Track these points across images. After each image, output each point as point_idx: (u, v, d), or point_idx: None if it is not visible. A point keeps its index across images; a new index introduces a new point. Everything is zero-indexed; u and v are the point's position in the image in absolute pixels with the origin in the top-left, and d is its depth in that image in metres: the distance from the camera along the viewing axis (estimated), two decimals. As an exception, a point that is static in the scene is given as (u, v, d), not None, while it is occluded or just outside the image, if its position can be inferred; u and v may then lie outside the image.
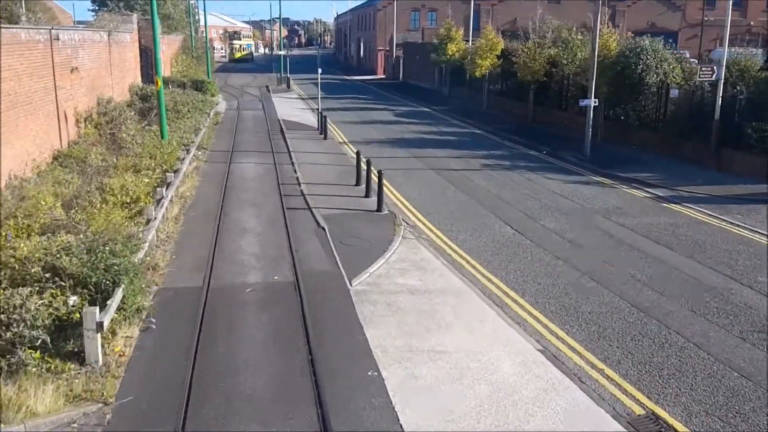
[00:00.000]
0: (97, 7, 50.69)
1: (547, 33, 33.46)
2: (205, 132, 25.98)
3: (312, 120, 34.07)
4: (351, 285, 11.18)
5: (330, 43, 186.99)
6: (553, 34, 33.63)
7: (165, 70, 46.58)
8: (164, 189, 14.70)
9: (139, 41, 44.44)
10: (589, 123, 22.71)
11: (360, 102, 43.93)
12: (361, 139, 28.06)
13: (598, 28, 22.23)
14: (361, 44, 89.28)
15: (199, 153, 22.66)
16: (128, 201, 13.62)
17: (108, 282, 8.66)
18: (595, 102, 22.44)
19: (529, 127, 31.33)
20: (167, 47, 48.67)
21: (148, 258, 11.38)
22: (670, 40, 35.17)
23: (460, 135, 29.77)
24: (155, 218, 12.75)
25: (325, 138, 27.02)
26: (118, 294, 8.65)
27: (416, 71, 59.56)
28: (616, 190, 18.86)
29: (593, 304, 10.70)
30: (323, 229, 14.24)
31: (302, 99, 46.65)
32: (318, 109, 29.64)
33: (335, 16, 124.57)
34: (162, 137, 20.85)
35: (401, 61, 65.41)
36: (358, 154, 18.56)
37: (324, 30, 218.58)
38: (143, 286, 9.77)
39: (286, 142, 26.39)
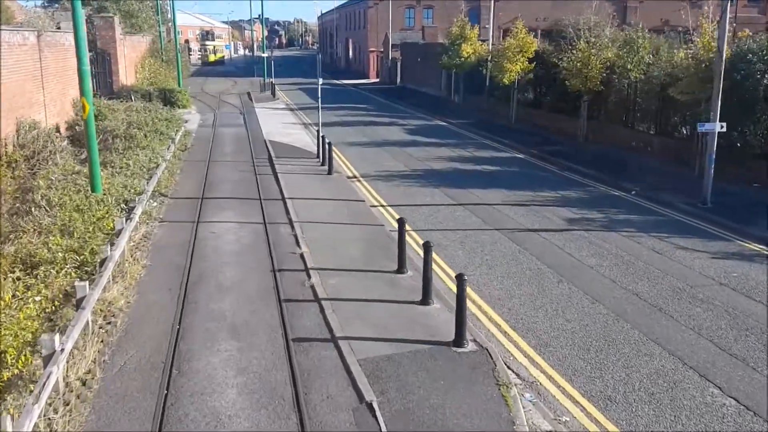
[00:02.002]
0: (46, 4, 43.22)
1: (605, 30, 26.79)
2: (165, 168, 18.93)
3: (307, 141, 27.09)
4: None
5: (312, 44, 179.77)
6: (609, 33, 26.98)
7: (128, 77, 39.31)
8: (59, 335, 7.68)
9: (94, 43, 37.17)
10: (712, 157, 16.01)
11: (360, 113, 36.98)
12: (376, 171, 21.19)
13: (726, 19, 15.54)
14: (350, 45, 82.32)
15: (154, 204, 15.63)
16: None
17: None
18: (721, 126, 15.75)
19: (584, 150, 24.63)
20: (131, 50, 41.39)
21: None
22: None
23: (503, 163, 22.96)
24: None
25: (329, 172, 20.07)
26: None
27: (417, 75, 52.77)
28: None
29: None
30: (370, 409, 7.34)
31: (291, 110, 39.60)
32: (318, 131, 22.70)
33: (319, 14, 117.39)
34: (93, 189, 13.77)
35: (398, 63, 58.59)
36: (401, 224, 11.54)
37: (305, 30, 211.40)
38: None
39: (277, 179, 19.42)
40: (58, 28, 26.41)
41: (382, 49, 65.87)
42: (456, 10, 70.15)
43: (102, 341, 8.73)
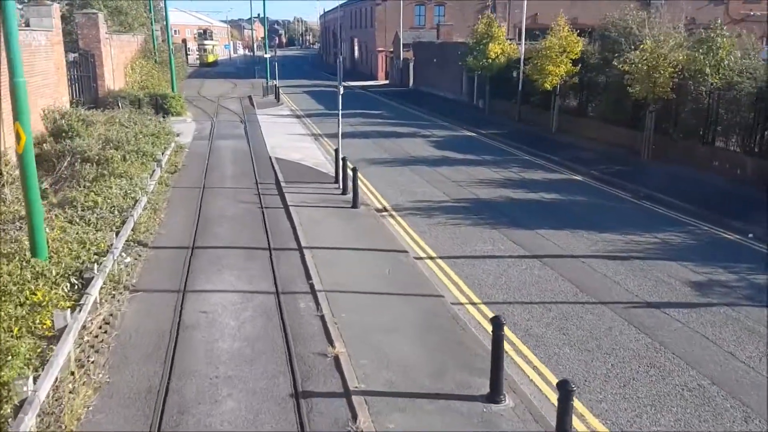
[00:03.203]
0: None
1: (677, 27, 22.69)
2: (147, 204, 14.79)
3: (320, 158, 22.97)
4: None
5: (313, 44, 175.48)
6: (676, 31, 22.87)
7: (116, 80, 35.15)
8: None
9: (76, 43, 33.03)
10: None
11: (375, 122, 32.80)
12: (411, 201, 17.07)
13: None
14: (356, 45, 78.18)
15: (127, 260, 11.49)
16: None
17: None
18: None
19: (654, 170, 20.43)
20: (119, 51, 37.22)
21: None
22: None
23: (561, 188, 18.78)
24: None
25: (354, 204, 15.92)
26: None
27: (432, 77, 48.61)
28: None
29: None
30: None
31: (297, 117, 35.44)
32: (337, 152, 18.51)
33: (322, 13, 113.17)
34: (34, 254, 9.59)
35: (410, 64, 54.40)
36: (495, 326, 7.35)
37: (306, 29, 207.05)
38: None
39: (289, 215, 15.28)
40: (27, 25, 22.30)
41: (391, 49, 61.69)
42: (470, 7, 66.31)
43: None
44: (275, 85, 44.01)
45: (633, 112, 23.66)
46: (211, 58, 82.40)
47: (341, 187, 17.70)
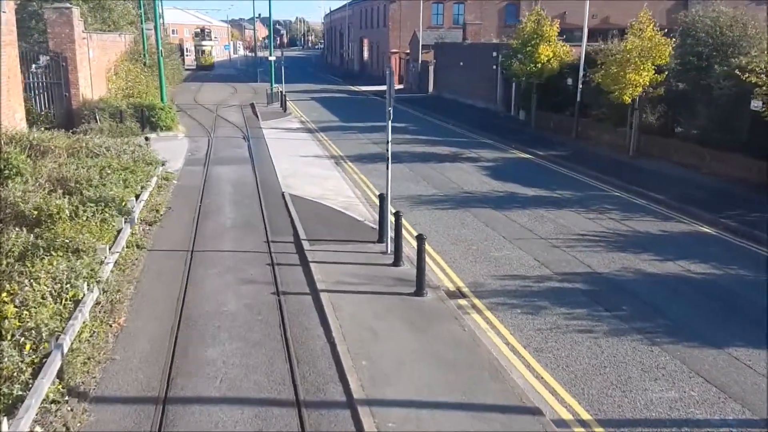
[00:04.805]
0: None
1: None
2: (97, 301, 9.30)
3: (346, 192, 17.64)
4: None
5: (317, 44, 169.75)
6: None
7: (96, 88, 29.66)
8: None
9: (46, 43, 27.54)
10: None
11: (403, 138, 27.13)
12: (493, 273, 11.61)
13: None
14: (365, 45, 72.67)
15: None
16: None
17: None
18: None
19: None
20: (101, 52, 31.71)
21: None
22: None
23: (705, 253, 13.11)
24: None
25: (418, 290, 10.40)
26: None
27: (457, 82, 43.12)
28: None
29: None
30: None
31: (309, 131, 29.98)
32: (384, 204, 12.95)
33: (327, 12, 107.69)
34: None
35: (430, 67, 48.89)
36: None
37: (307, 29, 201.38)
38: None
39: (323, 316, 9.73)
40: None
41: (407, 51, 56.23)
42: (491, 6, 60.73)
43: None
44: (281, 91, 38.49)
45: (754, 134, 18.20)
46: (209, 61, 76.48)
47: (389, 250, 12.27)
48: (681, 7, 47.23)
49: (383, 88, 14.08)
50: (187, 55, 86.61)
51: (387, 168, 12.39)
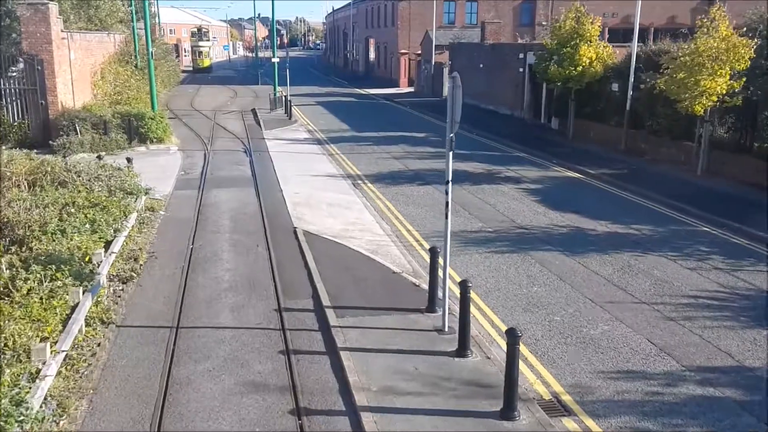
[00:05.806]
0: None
1: None
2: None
3: (370, 226, 14.45)
4: None
5: (317, 44, 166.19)
6: None
7: (78, 94, 26.28)
8: None
9: (19, 44, 24.15)
10: None
11: (427, 153, 23.72)
12: (600, 369, 8.22)
13: None
14: (371, 46, 69.24)
15: None
16: None
17: None
18: None
19: None
20: (85, 54, 28.34)
21: None
22: None
23: None
24: None
25: (508, 411, 7.02)
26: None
27: (475, 86, 39.53)
28: None
29: None
30: None
31: (318, 142, 26.62)
32: (433, 259, 9.59)
33: (331, 11, 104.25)
34: None
35: (445, 70, 45.40)
36: None
37: (308, 29, 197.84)
38: None
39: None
40: None
41: (417, 51, 52.78)
42: (505, 5, 57.25)
43: None
44: (285, 97, 35.07)
45: None
46: (205, 63, 72.59)
47: (445, 326, 8.96)
48: (706, 6, 44.03)
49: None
50: (185, 56, 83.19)
51: (446, 217, 9.05)
